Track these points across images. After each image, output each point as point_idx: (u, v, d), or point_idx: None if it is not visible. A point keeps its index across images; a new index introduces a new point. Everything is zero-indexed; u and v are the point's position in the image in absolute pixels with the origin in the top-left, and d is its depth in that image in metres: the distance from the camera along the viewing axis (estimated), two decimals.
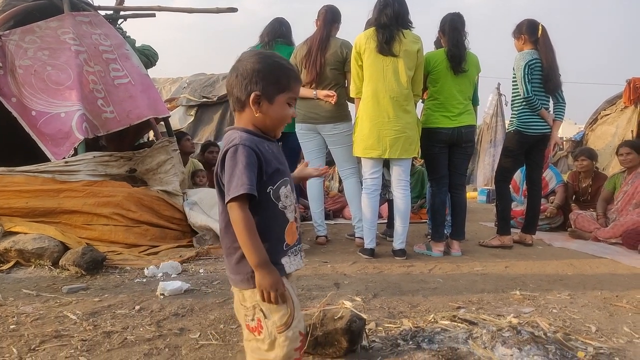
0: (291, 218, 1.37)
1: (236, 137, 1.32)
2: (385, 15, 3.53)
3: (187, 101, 8.68)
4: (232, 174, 1.27)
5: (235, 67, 1.39)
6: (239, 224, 1.26)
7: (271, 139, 1.40)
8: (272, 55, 1.42)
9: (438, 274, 3.30)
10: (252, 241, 1.26)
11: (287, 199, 1.36)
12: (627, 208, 4.77)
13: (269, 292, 1.26)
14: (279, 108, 1.37)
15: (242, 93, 1.36)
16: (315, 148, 4.15)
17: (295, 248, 1.40)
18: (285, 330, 1.31)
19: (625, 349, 2.05)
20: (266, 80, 1.35)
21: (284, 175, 1.37)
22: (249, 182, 1.25)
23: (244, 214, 1.26)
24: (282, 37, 4.47)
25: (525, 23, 4.28)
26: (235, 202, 1.26)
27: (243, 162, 1.27)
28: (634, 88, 8.04)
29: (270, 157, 1.34)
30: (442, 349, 1.87)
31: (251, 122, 1.37)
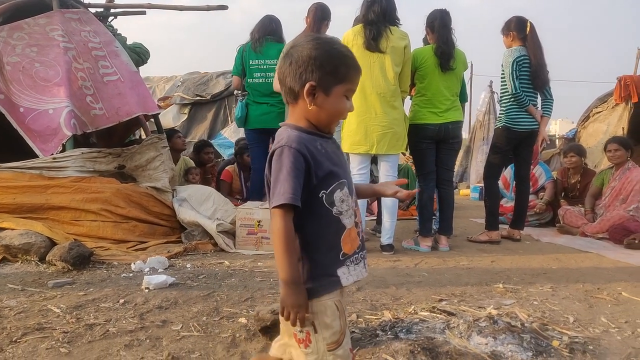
0: (349, 224, 1.24)
1: (284, 136, 1.21)
2: (373, 12, 3.56)
3: (180, 99, 8.71)
4: (277, 179, 1.17)
5: (289, 53, 1.26)
6: (276, 234, 1.17)
7: (326, 135, 1.28)
8: (331, 41, 1.28)
9: (424, 268, 3.33)
10: (287, 255, 1.16)
11: (343, 203, 1.24)
12: (614, 203, 4.81)
13: (289, 312, 1.16)
14: (336, 101, 1.23)
15: (295, 83, 1.23)
16: None
17: (356, 256, 1.26)
18: (336, 348, 1.21)
19: (600, 338, 2.09)
20: (323, 69, 1.21)
21: (339, 177, 1.25)
22: (291, 191, 1.14)
23: (284, 224, 1.16)
24: (272, 34, 4.48)
25: (514, 20, 4.32)
26: (277, 210, 1.16)
27: (287, 167, 1.16)
28: (624, 85, 8.08)
29: (323, 158, 1.22)
30: (419, 338, 1.90)
31: (304, 115, 1.25)
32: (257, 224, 3.66)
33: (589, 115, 9.27)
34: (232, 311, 2.28)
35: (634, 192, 4.69)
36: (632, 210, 4.62)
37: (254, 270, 3.09)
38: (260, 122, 4.51)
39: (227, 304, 2.39)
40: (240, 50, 4.53)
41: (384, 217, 3.77)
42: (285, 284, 1.17)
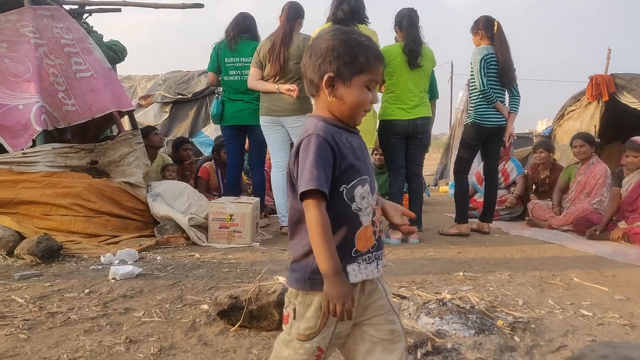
0: (366, 222, 1.20)
1: (312, 126, 1.18)
2: (342, 11, 3.65)
3: (162, 98, 8.73)
4: (304, 168, 1.13)
5: (310, 46, 1.26)
6: (313, 224, 1.12)
7: (352, 129, 1.25)
8: (349, 31, 1.25)
9: (391, 258, 3.42)
10: (326, 246, 1.11)
11: (363, 200, 1.20)
12: (579, 197, 4.96)
13: (335, 305, 1.11)
14: (356, 91, 1.19)
15: (315, 75, 1.21)
16: (279, 140, 4.25)
17: (369, 255, 1.21)
18: (304, 341, 1.19)
19: (544, 318, 2.20)
20: (341, 60, 1.18)
21: (362, 173, 1.21)
22: (319, 177, 1.11)
23: (319, 213, 1.11)
24: (246, 32, 4.55)
25: (482, 19, 4.44)
26: (311, 200, 1.12)
27: (315, 154, 1.13)
28: (595, 84, 8.28)
29: (348, 151, 1.19)
30: None
31: (326, 107, 1.22)
32: (229, 218, 3.73)
33: (563, 113, 9.46)
34: (195, 299, 2.35)
35: (598, 186, 4.85)
36: (596, 203, 4.78)
37: (223, 261, 3.16)
38: (236, 118, 4.58)
39: (191, 292, 2.46)
40: (215, 48, 4.59)
41: None
42: (327, 276, 1.11)
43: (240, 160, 4.81)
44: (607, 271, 3.15)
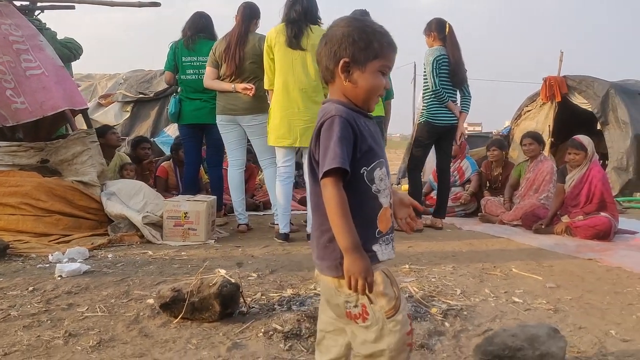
0: (385, 203, 1.24)
1: (332, 109, 1.21)
2: (295, 12, 3.72)
3: (123, 97, 8.60)
4: (327, 147, 1.16)
5: (325, 34, 1.30)
6: (331, 202, 1.14)
7: (368, 115, 1.29)
8: (363, 19, 1.31)
9: None
10: (344, 221, 1.13)
11: (381, 182, 1.24)
12: (528, 193, 5.17)
13: (357, 279, 1.12)
14: (371, 76, 1.23)
15: (330, 61, 1.25)
16: (235, 139, 4.28)
17: (387, 237, 1.26)
18: (395, 314, 1.19)
19: (477, 305, 2.32)
20: (356, 46, 1.22)
21: (380, 156, 1.25)
22: (342, 156, 1.14)
23: (337, 191, 1.14)
24: (204, 31, 4.57)
25: (434, 22, 4.59)
26: (328, 178, 1.14)
27: (338, 134, 1.15)
28: (549, 86, 8.63)
29: (367, 134, 1.23)
30: (309, 309, 2.07)
31: (342, 92, 1.26)
32: (183, 216, 3.75)
33: (520, 113, 9.79)
34: (142, 294, 2.38)
35: (545, 182, 5.07)
36: (543, 198, 5.00)
37: (175, 258, 3.18)
38: (193, 117, 4.60)
39: (138, 287, 2.49)
40: (172, 47, 4.59)
41: (308, 207, 3.92)
42: (348, 251, 1.13)
43: (198, 158, 4.82)
44: (545, 262, 3.32)
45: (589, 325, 2.09)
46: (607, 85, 8.15)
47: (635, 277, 2.97)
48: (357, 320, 1.20)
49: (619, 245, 4.05)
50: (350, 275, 1.13)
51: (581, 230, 4.30)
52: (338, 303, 1.22)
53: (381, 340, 1.18)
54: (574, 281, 2.84)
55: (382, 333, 1.18)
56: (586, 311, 2.29)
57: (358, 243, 1.14)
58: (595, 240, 4.19)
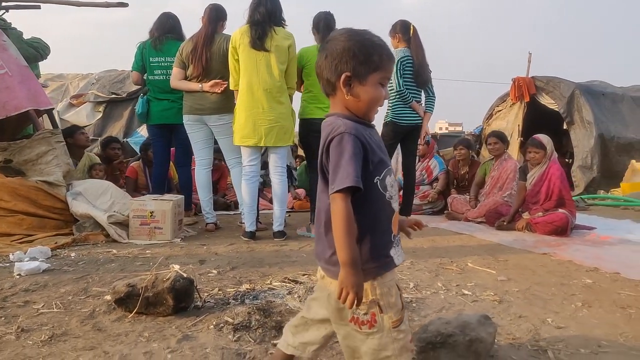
0: (396, 208, 1.31)
1: (341, 124, 1.24)
2: (259, 13, 3.78)
3: (95, 97, 8.54)
4: (338, 164, 1.20)
5: (324, 47, 1.32)
6: (338, 216, 1.19)
7: (371, 125, 1.34)
8: (362, 33, 1.32)
9: (306, 250, 3.59)
10: (347, 237, 1.18)
11: (392, 188, 1.30)
12: (493, 191, 5.33)
13: (348, 292, 1.17)
14: (372, 89, 1.28)
15: (332, 75, 1.28)
16: (202, 139, 4.32)
17: (397, 238, 1.32)
18: (400, 324, 1.26)
19: (427, 298, 2.42)
20: (357, 60, 1.26)
21: (388, 164, 1.31)
22: (355, 174, 1.18)
23: (345, 205, 1.19)
24: (171, 32, 4.60)
25: (399, 23, 4.70)
26: (338, 194, 1.19)
27: (349, 152, 1.19)
28: (518, 86, 8.85)
29: (374, 145, 1.27)
30: (261, 302, 2.14)
31: (344, 105, 1.30)
32: (149, 215, 3.77)
33: (492, 113, 10.02)
34: (100, 290, 2.42)
35: (509, 180, 5.23)
36: (507, 196, 5.15)
37: (139, 256, 3.22)
38: (162, 117, 4.62)
39: (97, 284, 2.52)
40: (140, 47, 4.61)
41: (274, 205, 4.00)
42: (345, 265, 1.18)
43: (167, 158, 4.85)
44: (501, 257, 3.45)
45: (530, 314, 2.20)
46: (573, 86, 8.40)
47: (583, 270, 3.11)
48: (362, 327, 1.25)
49: (574, 240, 4.21)
50: (342, 287, 1.18)
51: (540, 226, 4.45)
52: (345, 307, 1.23)
53: (387, 347, 1.24)
54: (525, 274, 2.97)
55: (387, 341, 1.24)
56: (530, 301, 2.40)
57: (356, 259, 1.19)
58: (553, 235, 4.35)
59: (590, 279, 2.88)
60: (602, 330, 2.03)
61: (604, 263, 3.29)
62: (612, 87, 9.14)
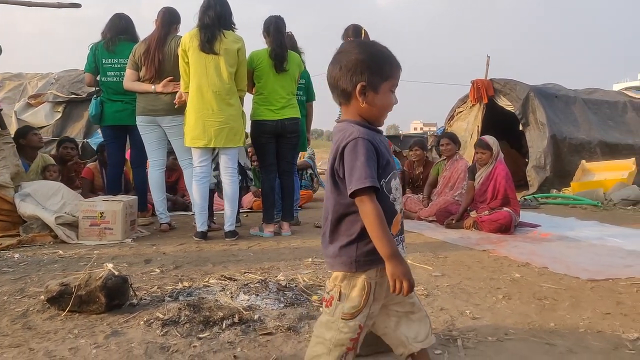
0: (398, 210, 1.40)
1: (354, 130, 1.33)
2: (208, 17, 3.84)
3: (54, 97, 8.41)
4: (354, 167, 1.28)
5: (337, 59, 1.40)
6: (371, 216, 1.28)
7: (380, 130, 1.43)
8: (373, 44, 1.43)
9: (255, 249, 3.67)
10: (385, 233, 1.27)
11: (397, 191, 1.39)
12: (444, 190, 5.51)
13: (402, 282, 1.27)
14: (384, 97, 1.38)
15: (348, 85, 1.37)
16: (155, 140, 4.36)
17: (397, 238, 1.40)
18: (348, 320, 1.36)
19: None
20: (370, 70, 1.35)
21: (393, 167, 1.40)
22: (372, 175, 1.28)
23: (375, 205, 1.28)
24: (124, 33, 4.61)
25: (351, 27, 4.83)
26: (365, 196, 1.28)
27: (365, 155, 1.29)
28: (476, 88, 9.12)
29: (383, 149, 1.37)
30: (194, 299, 2.21)
31: (358, 113, 1.39)
32: (99, 215, 3.79)
33: (453, 114, 10.28)
34: (37, 290, 2.45)
35: (459, 180, 5.42)
36: (457, 195, 5.34)
37: (84, 257, 3.24)
38: (116, 119, 4.63)
39: (35, 284, 2.55)
40: (92, 49, 4.61)
41: (225, 206, 4.06)
42: (391, 258, 1.27)
43: (121, 159, 4.86)
44: (442, 254, 3.60)
45: (451, 307, 2.34)
46: (528, 88, 8.70)
47: (515, 265, 3.28)
48: (323, 302, 1.41)
49: (516, 238, 4.41)
50: (395, 279, 1.28)
51: (486, 224, 4.64)
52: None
53: (329, 331, 1.37)
54: (459, 270, 3.12)
55: (331, 326, 1.37)
56: (455, 295, 2.54)
57: (397, 250, 1.29)
58: (498, 233, 4.54)
59: (519, 273, 3.05)
60: (513, 320, 2.18)
61: (536, 258, 3.48)
62: (565, 90, 9.50)
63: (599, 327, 2.13)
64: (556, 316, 2.26)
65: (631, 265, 3.31)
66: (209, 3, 3.85)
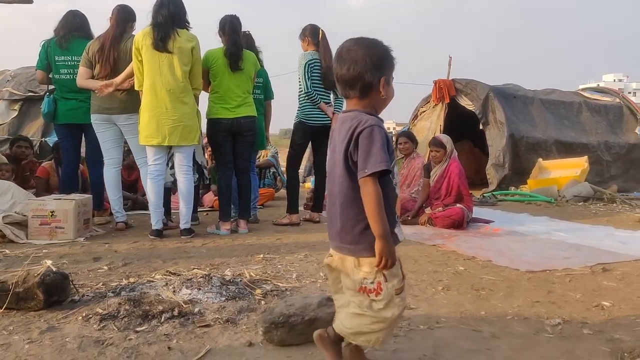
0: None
1: (368, 118, 1.46)
2: (161, 15, 3.84)
3: (10, 95, 8.19)
4: (370, 152, 1.41)
5: (356, 55, 1.50)
6: (373, 197, 1.40)
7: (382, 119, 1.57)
8: (380, 41, 1.57)
9: (209, 247, 3.69)
10: (381, 213, 1.40)
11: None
12: (402, 188, 5.61)
13: (387, 259, 1.41)
14: (391, 88, 1.56)
15: (373, 78, 1.50)
16: (111, 138, 4.32)
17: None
18: (401, 292, 1.50)
19: (304, 286, 2.60)
20: (388, 65, 1.53)
21: (394, 155, 1.55)
22: (386, 159, 1.41)
23: (377, 188, 1.41)
24: (78, 31, 4.55)
25: (308, 28, 4.89)
26: (370, 178, 1.40)
27: (380, 142, 1.42)
28: (438, 88, 9.32)
29: (389, 137, 1.50)
30: (136, 294, 2.24)
31: (371, 105, 1.54)
32: (50, 214, 3.75)
33: (417, 114, 10.47)
34: None
35: (416, 178, 5.54)
36: (414, 192, 5.46)
37: (31, 256, 3.19)
38: (70, 117, 4.56)
39: None
40: (44, 46, 4.53)
41: (180, 203, 4.07)
42: (382, 237, 1.41)
43: (76, 158, 4.80)
44: None
45: None
46: (487, 88, 8.95)
47: (461, 259, 3.40)
48: (369, 294, 1.47)
49: (467, 233, 4.56)
50: (382, 256, 1.42)
51: (439, 220, 4.78)
52: (355, 279, 1.48)
53: (387, 310, 1.47)
54: (406, 264, 3.16)
55: (389, 305, 1.46)
56: None
57: (389, 231, 1.43)
58: (451, 229, 4.68)
59: (463, 266, 3.17)
60: (447, 310, 2.28)
61: (482, 252, 3.62)
62: (524, 90, 9.79)
63: (526, 314, 2.25)
64: (488, 305, 2.38)
65: (569, 258, 3.48)
66: (162, 2, 3.85)
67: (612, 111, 10.08)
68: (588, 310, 2.32)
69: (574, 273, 3.02)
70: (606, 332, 2.04)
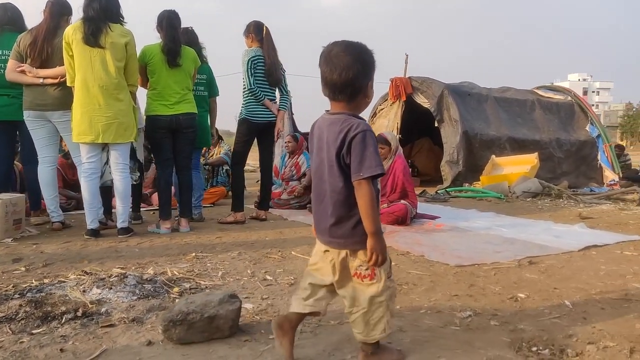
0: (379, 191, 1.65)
1: (359, 123, 1.54)
2: (92, 9, 3.73)
3: None
4: (364, 156, 1.50)
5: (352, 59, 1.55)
6: (368, 197, 1.51)
7: None
8: (366, 45, 1.63)
9: (144, 246, 3.62)
10: (375, 212, 1.52)
11: None
12: None
13: (378, 255, 1.53)
14: (372, 91, 1.65)
15: (363, 82, 1.58)
16: (45, 135, 4.18)
17: None
18: (391, 276, 1.64)
19: (226, 284, 2.57)
20: (374, 70, 1.61)
21: None
22: (381, 164, 1.52)
23: (372, 189, 1.52)
24: (10, 24, 4.38)
25: (252, 24, 4.84)
26: (365, 180, 1.50)
27: (372, 146, 1.51)
28: (395, 86, 9.41)
29: None
30: (40, 295, 2.17)
31: (356, 107, 1.62)
32: None
33: (375, 112, 10.55)
34: None
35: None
36: None
37: None
38: (1, 114, 4.39)
39: None
40: None
41: (117, 202, 3.98)
42: (374, 234, 1.52)
43: (9, 155, 4.62)
44: None
45: None
46: (442, 86, 9.07)
47: (395, 254, 3.42)
48: (363, 280, 1.59)
49: (409, 229, 4.61)
50: (374, 252, 1.53)
51: (384, 216, 4.80)
52: (350, 266, 1.60)
53: (384, 292, 1.60)
54: None
55: (383, 287, 1.59)
56: None
57: (381, 229, 1.55)
58: (395, 225, 4.72)
59: (395, 261, 3.19)
60: None
61: (417, 247, 3.66)
62: (478, 88, 9.97)
63: (440, 308, 2.28)
64: (406, 299, 2.41)
65: (500, 252, 3.55)
66: None
67: (564, 109, 10.37)
68: (502, 302, 2.37)
69: (501, 267, 3.08)
70: (512, 323, 2.08)
